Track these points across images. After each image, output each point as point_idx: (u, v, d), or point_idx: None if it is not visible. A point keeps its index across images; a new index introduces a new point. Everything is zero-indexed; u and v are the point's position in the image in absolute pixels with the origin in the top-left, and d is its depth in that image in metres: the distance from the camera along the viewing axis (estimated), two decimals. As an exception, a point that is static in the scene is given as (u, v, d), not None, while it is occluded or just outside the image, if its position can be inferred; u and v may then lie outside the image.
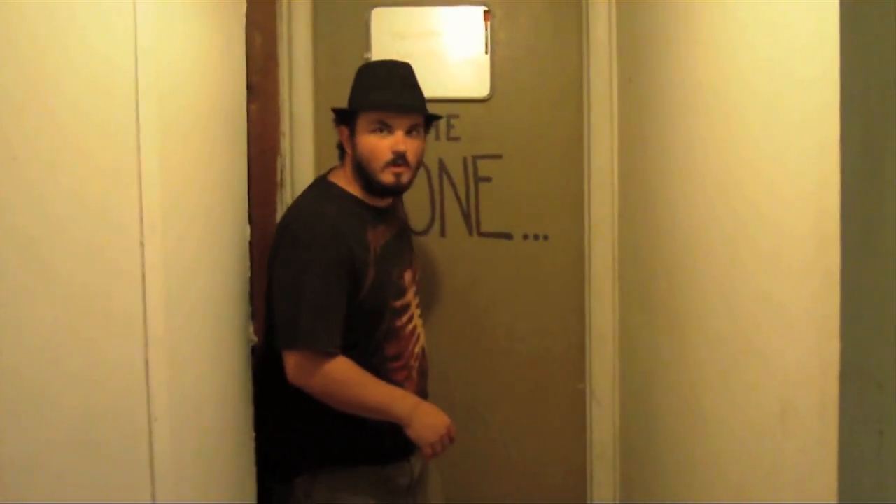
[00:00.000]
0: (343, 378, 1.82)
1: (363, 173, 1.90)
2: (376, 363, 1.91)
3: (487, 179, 2.58)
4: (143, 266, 1.22)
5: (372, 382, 1.85)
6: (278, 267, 1.86)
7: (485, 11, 2.54)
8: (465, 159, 2.58)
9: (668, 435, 1.96)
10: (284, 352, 1.81)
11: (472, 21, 2.54)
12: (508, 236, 2.60)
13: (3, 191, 0.88)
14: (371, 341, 1.90)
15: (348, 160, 1.96)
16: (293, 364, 1.81)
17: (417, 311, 2.07)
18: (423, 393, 2.04)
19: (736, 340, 1.46)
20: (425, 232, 2.59)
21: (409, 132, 1.90)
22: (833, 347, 1.04)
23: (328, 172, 2.03)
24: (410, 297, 2.03)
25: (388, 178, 1.88)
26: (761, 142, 1.33)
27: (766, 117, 1.31)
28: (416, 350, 2.02)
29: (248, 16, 2.03)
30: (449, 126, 2.56)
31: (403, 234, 2.11)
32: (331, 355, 1.80)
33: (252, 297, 1.95)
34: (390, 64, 2.02)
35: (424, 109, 1.95)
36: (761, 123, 1.33)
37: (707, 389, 1.63)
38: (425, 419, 1.87)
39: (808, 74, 1.14)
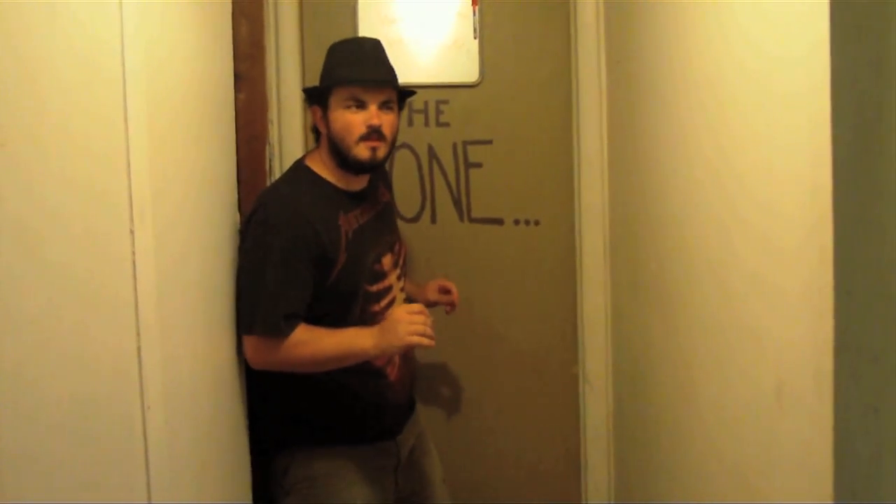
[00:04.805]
0: (299, 342, 1.80)
1: (338, 151, 1.89)
2: None
3: (478, 165, 2.58)
4: (133, 253, 1.21)
5: (326, 333, 1.83)
6: (244, 250, 1.88)
7: (473, -5, 2.53)
8: (454, 145, 2.57)
9: (662, 417, 1.97)
10: (244, 336, 1.83)
11: (460, 5, 2.53)
12: (499, 222, 2.60)
13: (-8, 177, 0.87)
14: (345, 325, 1.89)
15: (323, 141, 1.95)
16: (251, 347, 1.83)
17: (402, 296, 2.05)
18: (408, 378, 2.05)
19: (729, 320, 1.46)
20: (416, 219, 2.58)
21: (382, 107, 1.89)
22: (827, 325, 1.04)
23: (305, 156, 2.02)
24: (392, 281, 2.00)
25: (363, 152, 1.87)
26: (752, 121, 1.33)
27: (757, 96, 1.31)
28: None
29: (234, 2, 2.01)
30: (438, 112, 2.55)
31: (384, 216, 2.08)
32: (288, 336, 1.80)
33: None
34: (360, 40, 2.06)
35: (397, 84, 1.94)
36: (752, 103, 1.33)
37: (701, 370, 1.64)
38: (391, 327, 1.82)
39: (799, 52, 1.14)
